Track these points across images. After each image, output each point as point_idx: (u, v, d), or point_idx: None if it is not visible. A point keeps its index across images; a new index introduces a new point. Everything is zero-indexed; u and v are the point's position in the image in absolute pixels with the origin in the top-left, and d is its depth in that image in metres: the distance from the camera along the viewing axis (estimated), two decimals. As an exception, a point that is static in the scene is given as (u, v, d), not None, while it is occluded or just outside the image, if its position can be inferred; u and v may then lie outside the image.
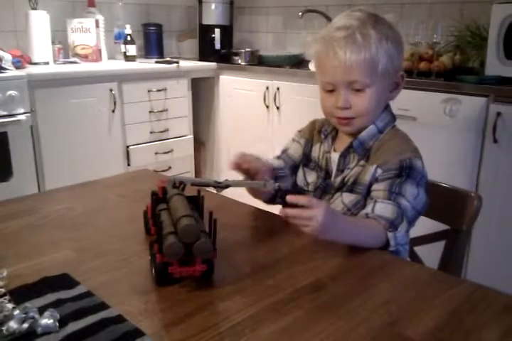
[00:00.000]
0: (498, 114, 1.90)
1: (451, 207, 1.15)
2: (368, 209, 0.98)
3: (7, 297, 0.70)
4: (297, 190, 1.16)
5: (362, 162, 1.07)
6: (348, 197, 1.06)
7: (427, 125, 2.07)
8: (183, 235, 0.73)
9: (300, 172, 1.19)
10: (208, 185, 0.96)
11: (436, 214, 1.14)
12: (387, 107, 1.11)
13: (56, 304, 0.70)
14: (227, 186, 0.94)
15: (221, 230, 0.80)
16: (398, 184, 0.99)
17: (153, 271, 0.78)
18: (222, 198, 1.16)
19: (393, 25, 1.06)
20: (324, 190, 1.12)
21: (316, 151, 1.17)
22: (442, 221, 1.16)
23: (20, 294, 0.72)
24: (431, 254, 1.17)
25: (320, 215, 0.83)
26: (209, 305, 0.73)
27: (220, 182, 0.94)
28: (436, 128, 2.07)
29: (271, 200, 1.16)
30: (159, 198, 0.87)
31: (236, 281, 0.79)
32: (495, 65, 2.06)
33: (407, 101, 2.06)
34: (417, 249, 1.19)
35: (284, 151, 1.23)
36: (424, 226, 1.12)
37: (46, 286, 0.75)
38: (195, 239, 0.73)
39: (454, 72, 2.23)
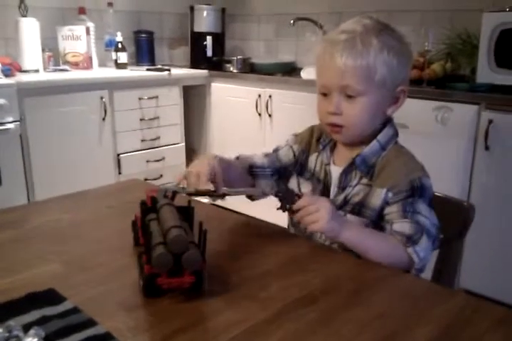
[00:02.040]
0: (490, 121, 1.90)
1: (444, 216, 1.14)
2: (386, 232, 0.98)
3: (-9, 314, 0.68)
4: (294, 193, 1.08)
5: (364, 180, 1.03)
6: (353, 220, 1.02)
7: (419, 133, 2.07)
8: (172, 246, 0.72)
9: (293, 181, 1.16)
10: (204, 194, 0.95)
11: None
12: (389, 122, 1.06)
13: (41, 321, 0.67)
14: (223, 195, 0.94)
15: (211, 241, 0.78)
16: (411, 203, 0.97)
17: (141, 283, 0.76)
18: (212, 207, 1.15)
19: (403, 37, 1.03)
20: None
21: (313, 161, 1.13)
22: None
23: (4, 311, 0.70)
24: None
25: (324, 206, 0.90)
26: (199, 321, 0.71)
27: (215, 191, 0.94)
28: (428, 135, 2.07)
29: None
30: (149, 208, 0.86)
31: (226, 294, 0.77)
32: (486, 73, 2.06)
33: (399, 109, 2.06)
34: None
35: (275, 151, 1.20)
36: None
37: (31, 302, 0.72)
38: (184, 249, 0.72)
39: (445, 80, 2.24)
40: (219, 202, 0.98)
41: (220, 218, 1.10)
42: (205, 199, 1.03)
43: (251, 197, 1.15)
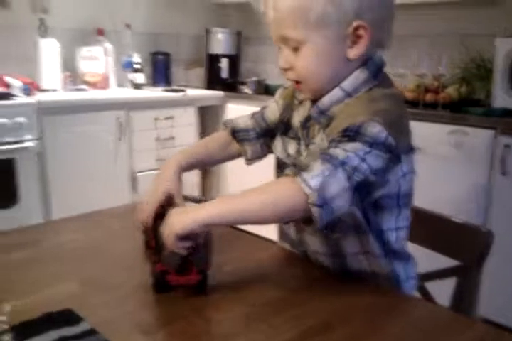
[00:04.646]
0: (506, 146, 1.89)
1: (462, 242, 1.13)
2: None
3: (10, 334, 0.68)
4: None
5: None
6: None
7: (434, 156, 2.06)
8: None
9: (278, 142, 1.03)
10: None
11: (446, 249, 1.12)
12: (364, 65, 0.89)
13: (59, 342, 0.68)
14: None
15: (223, 263, 0.79)
16: (336, 143, 0.78)
17: (152, 280, 0.82)
18: (226, 229, 1.15)
19: None
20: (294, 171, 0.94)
21: (297, 117, 1.00)
22: (452, 256, 1.14)
23: (23, 331, 0.70)
24: (442, 289, 1.14)
25: (163, 230, 0.79)
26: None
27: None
28: (443, 160, 2.06)
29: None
30: (158, 214, 0.91)
31: (240, 319, 0.77)
32: (501, 97, 2.06)
33: (413, 132, 2.06)
34: (427, 284, 1.17)
35: (263, 108, 1.11)
36: (435, 261, 1.10)
37: (49, 322, 0.73)
38: (191, 249, 0.78)
39: (460, 104, 2.23)
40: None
41: (232, 239, 1.09)
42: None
43: (248, 160, 1.10)
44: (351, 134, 0.78)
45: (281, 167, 1.04)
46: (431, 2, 2.36)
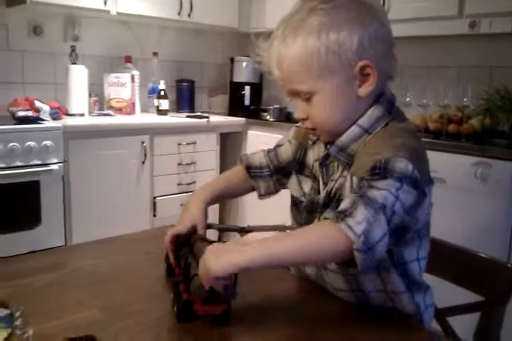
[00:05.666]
0: (531, 179, 1.87)
1: (486, 277, 1.11)
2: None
3: (31, 359, 0.69)
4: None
5: (346, 172, 0.90)
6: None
7: (457, 188, 2.04)
8: None
9: (294, 181, 1.06)
10: (234, 230, 1.04)
11: (469, 284, 1.10)
12: (376, 100, 0.90)
13: (80, 369, 0.68)
14: (250, 230, 1.00)
15: (247, 293, 0.78)
16: (368, 180, 0.79)
17: (176, 309, 0.83)
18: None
19: (343, 5, 0.84)
20: (310, 207, 0.98)
21: (311, 156, 1.03)
22: (476, 291, 1.11)
23: (44, 356, 0.70)
24: (466, 324, 1.12)
25: (203, 259, 0.78)
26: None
27: (243, 228, 1.00)
28: (467, 191, 2.04)
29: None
30: (182, 242, 0.94)
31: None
32: (526, 130, 2.05)
33: (436, 163, 2.04)
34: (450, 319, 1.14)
35: (277, 146, 1.13)
36: (458, 295, 1.08)
37: (71, 349, 0.73)
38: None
39: (483, 135, 2.22)
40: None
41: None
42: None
43: (260, 195, 1.15)
44: (380, 172, 0.79)
45: (296, 205, 1.05)
46: (460, 34, 2.37)
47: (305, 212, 1.00)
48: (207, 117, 2.98)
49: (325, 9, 0.84)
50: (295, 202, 1.06)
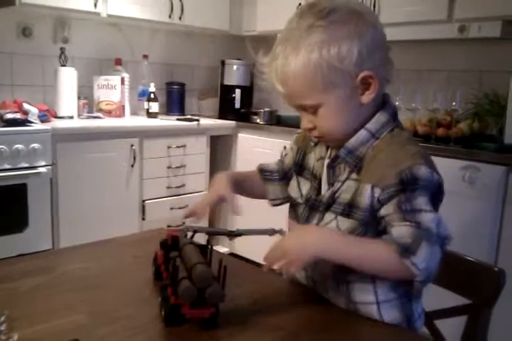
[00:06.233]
0: (518, 182, 1.89)
1: (473, 280, 1.11)
2: (385, 237, 0.87)
3: (16, 364, 0.68)
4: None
5: (354, 175, 0.94)
6: (344, 223, 0.93)
7: (445, 191, 2.05)
8: (197, 280, 0.80)
9: (294, 182, 1.10)
10: (223, 234, 1.08)
11: (457, 287, 1.11)
12: (383, 106, 0.96)
13: (66, 375, 0.67)
14: (239, 234, 1.01)
15: (235, 296, 0.78)
16: (406, 200, 0.85)
17: (163, 312, 0.83)
18: (235, 262, 1.14)
19: (339, 19, 0.87)
20: (312, 206, 1.02)
21: (312, 158, 1.07)
22: (463, 294, 1.12)
23: (29, 362, 0.70)
24: (453, 327, 1.12)
25: (283, 246, 0.86)
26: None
27: (232, 231, 1.01)
28: (455, 195, 2.04)
29: None
30: (170, 246, 0.95)
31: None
32: (514, 134, 2.07)
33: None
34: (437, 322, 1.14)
35: (283, 156, 1.20)
36: (445, 298, 1.08)
37: (56, 354, 0.72)
38: (207, 284, 0.80)
39: (472, 139, 2.24)
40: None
41: (240, 270, 1.09)
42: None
43: (270, 200, 1.19)
44: (409, 182, 0.85)
45: (293, 206, 1.09)
46: (449, 38, 2.40)
47: (305, 211, 1.04)
48: (197, 120, 2.97)
49: (323, 26, 0.86)
50: (292, 204, 1.10)
